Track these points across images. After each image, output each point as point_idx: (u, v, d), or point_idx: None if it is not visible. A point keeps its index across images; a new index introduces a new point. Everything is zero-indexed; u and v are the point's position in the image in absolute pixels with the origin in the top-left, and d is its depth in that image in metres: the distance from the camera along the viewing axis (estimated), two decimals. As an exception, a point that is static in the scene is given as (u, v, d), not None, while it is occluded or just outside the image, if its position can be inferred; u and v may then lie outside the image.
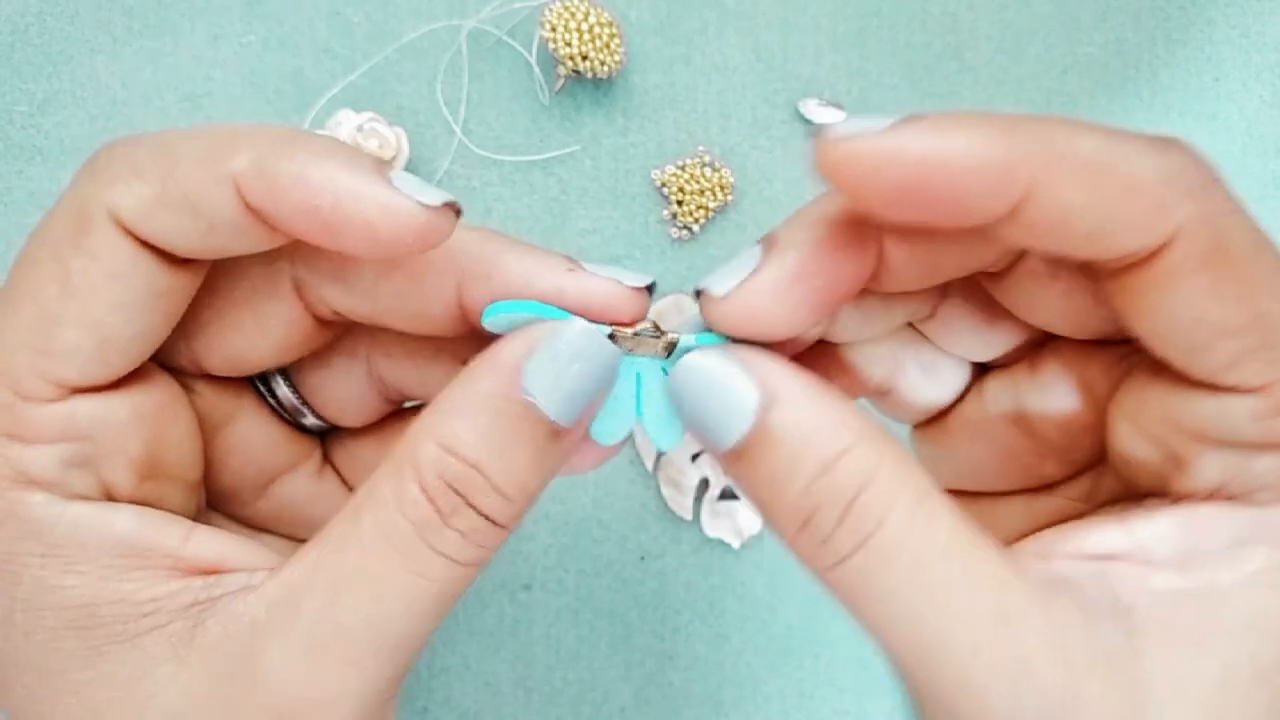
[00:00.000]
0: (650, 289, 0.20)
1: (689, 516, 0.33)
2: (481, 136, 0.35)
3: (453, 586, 0.18)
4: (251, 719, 0.18)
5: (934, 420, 0.23)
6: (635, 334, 0.20)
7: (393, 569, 0.18)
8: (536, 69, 0.35)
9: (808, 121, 0.35)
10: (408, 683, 0.32)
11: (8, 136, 0.34)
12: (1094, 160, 0.16)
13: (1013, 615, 0.17)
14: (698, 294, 0.19)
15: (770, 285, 0.18)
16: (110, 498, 0.19)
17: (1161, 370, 0.18)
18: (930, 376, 0.23)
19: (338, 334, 0.22)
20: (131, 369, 0.19)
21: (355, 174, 0.17)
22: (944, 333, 0.22)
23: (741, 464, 0.18)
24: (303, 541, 0.20)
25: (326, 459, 0.24)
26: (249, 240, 0.18)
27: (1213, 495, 0.18)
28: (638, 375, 0.21)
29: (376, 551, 0.18)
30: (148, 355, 0.19)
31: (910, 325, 0.22)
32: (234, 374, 0.21)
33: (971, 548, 0.17)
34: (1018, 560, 0.18)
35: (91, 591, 0.18)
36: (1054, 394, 0.21)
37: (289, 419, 0.23)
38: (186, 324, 0.20)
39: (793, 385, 0.18)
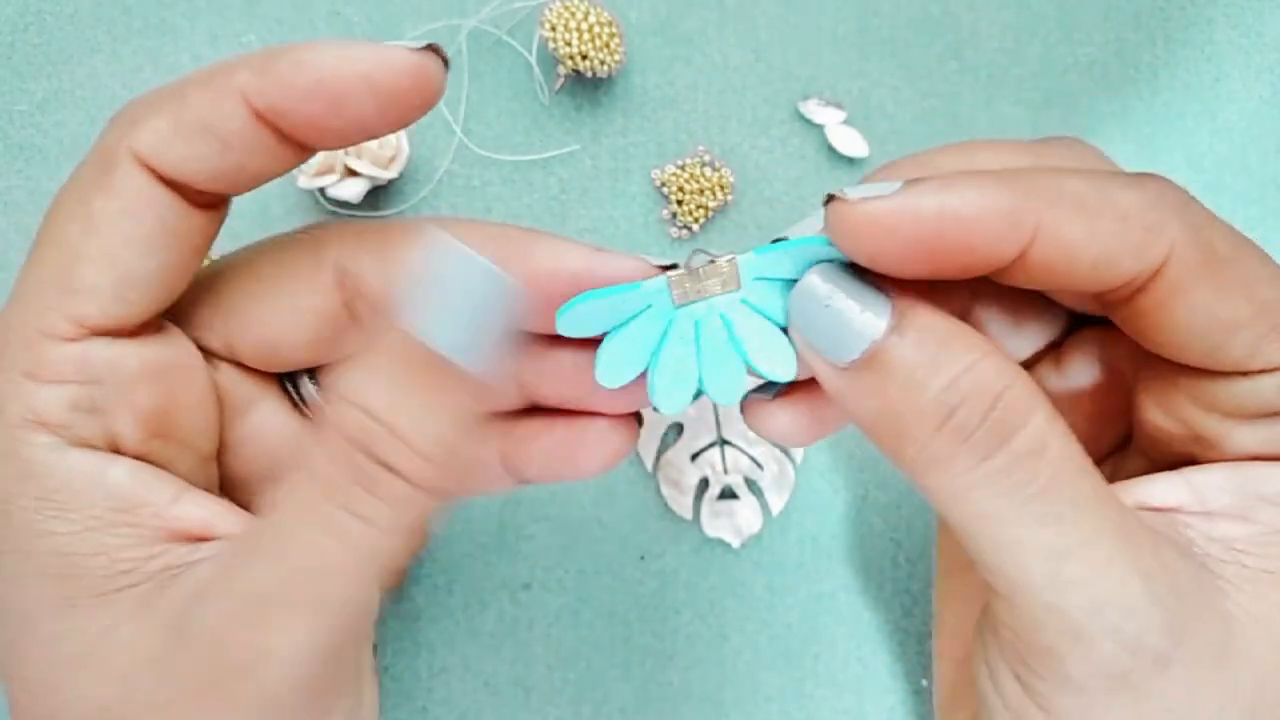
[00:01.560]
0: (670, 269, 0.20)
1: (689, 516, 0.33)
2: (481, 136, 0.35)
3: (378, 548, 0.18)
4: (191, 677, 0.18)
5: None
6: (688, 270, 0.19)
7: (311, 533, 0.18)
8: (536, 69, 0.35)
9: (808, 121, 0.35)
10: (407, 682, 0.32)
11: (7, 136, 0.34)
12: (1087, 199, 0.18)
13: (1137, 539, 0.18)
14: (828, 200, 0.19)
15: (908, 211, 0.18)
16: (115, 448, 0.19)
17: (1180, 365, 0.20)
18: None
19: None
20: (148, 314, 0.19)
21: (344, 45, 0.18)
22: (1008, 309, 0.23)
23: (871, 373, 0.18)
24: None
25: None
26: (262, 156, 0.19)
27: (1255, 459, 0.19)
28: (697, 325, 0.20)
29: (296, 515, 0.18)
30: (165, 301, 0.19)
31: None
32: (264, 366, 0.22)
33: (1095, 472, 0.18)
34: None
35: (76, 542, 0.18)
36: (1079, 381, 0.22)
37: (309, 415, 0.23)
38: (225, 304, 0.21)
39: (920, 301, 0.19)
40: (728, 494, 0.33)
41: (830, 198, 0.18)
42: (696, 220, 0.34)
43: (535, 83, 0.35)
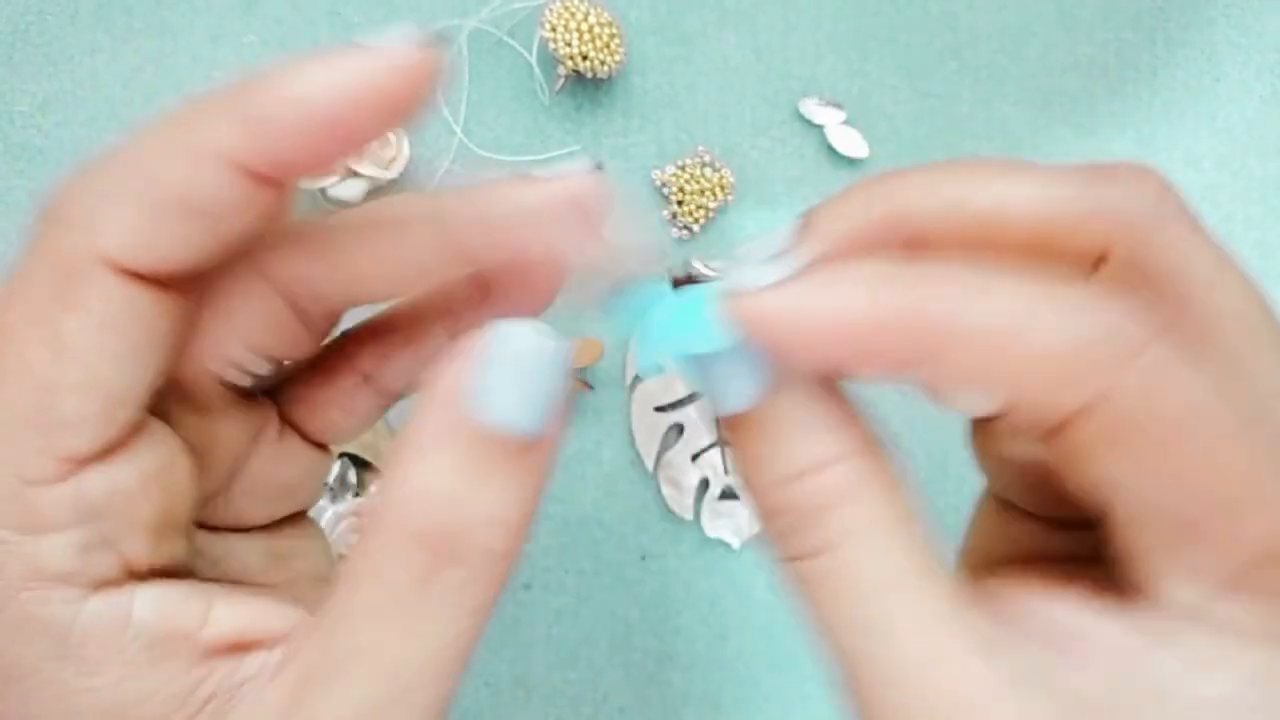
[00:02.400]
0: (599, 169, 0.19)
1: (689, 516, 0.33)
2: (482, 136, 0.35)
3: (467, 637, 0.17)
4: None
5: (975, 423, 0.23)
6: (686, 275, 0.20)
7: (403, 635, 0.16)
8: (537, 69, 0.35)
9: (808, 122, 0.35)
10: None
11: (7, 136, 0.34)
12: (1001, 328, 0.15)
13: (947, 659, 0.16)
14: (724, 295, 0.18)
15: (798, 313, 0.17)
16: (131, 573, 0.17)
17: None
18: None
19: (322, 338, 0.21)
20: (139, 419, 0.17)
21: (330, 63, 0.15)
22: (932, 393, 0.21)
23: (737, 433, 0.18)
24: (282, 521, 0.19)
25: (284, 420, 0.23)
26: (256, 211, 0.16)
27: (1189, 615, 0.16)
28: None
29: (383, 620, 0.16)
30: (153, 398, 0.17)
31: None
32: (209, 382, 0.20)
33: (929, 581, 0.16)
34: (982, 604, 0.17)
35: (117, 693, 0.16)
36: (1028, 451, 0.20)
37: (238, 389, 0.21)
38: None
39: (801, 377, 0.17)
40: (728, 494, 0.33)
41: (725, 292, 0.17)
42: (696, 220, 0.34)
43: (535, 83, 0.35)
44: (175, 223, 0.16)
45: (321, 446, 0.23)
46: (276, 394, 0.23)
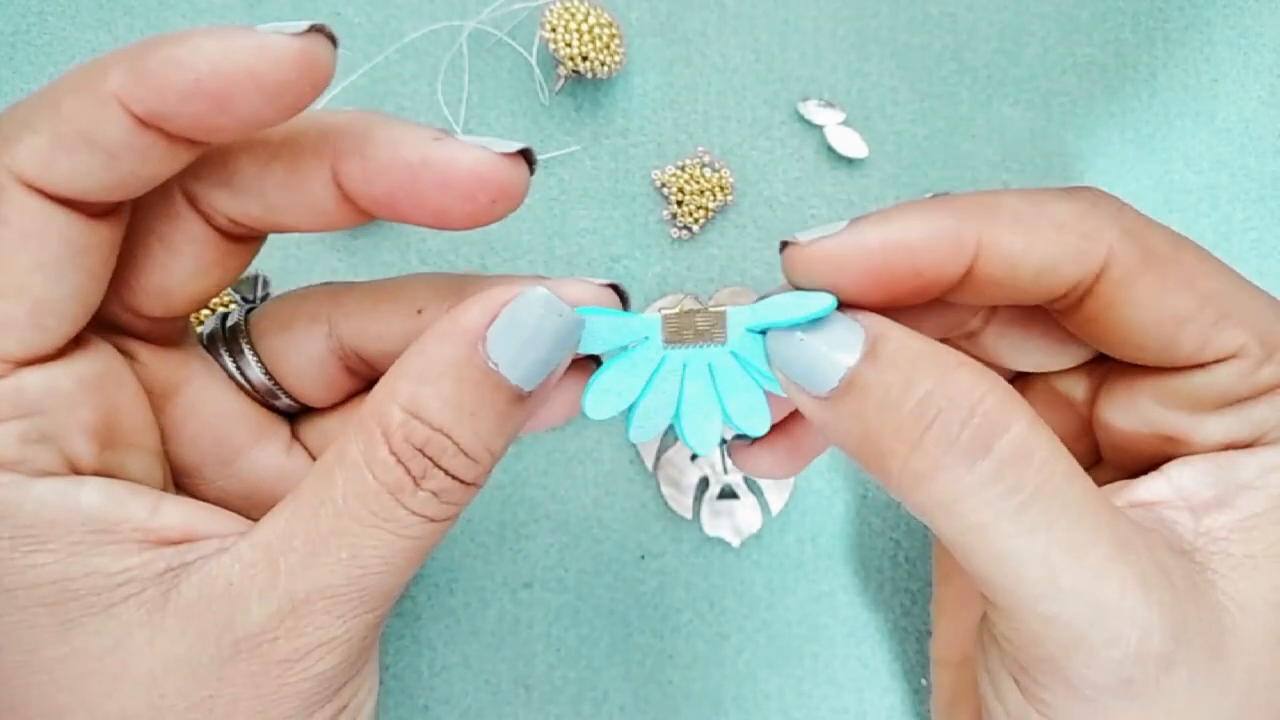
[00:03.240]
0: (525, 154, 0.20)
1: (689, 516, 0.33)
2: (482, 136, 0.35)
3: (428, 540, 0.19)
4: (234, 674, 0.18)
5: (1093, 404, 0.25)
6: (681, 312, 0.20)
7: (369, 529, 0.18)
8: (537, 69, 0.35)
9: (807, 122, 0.35)
10: (408, 681, 0.32)
11: (9, 136, 0.34)
12: (1023, 213, 0.19)
13: (1131, 541, 0.18)
14: (783, 247, 0.20)
15: (853, 244, 0.19)
16: (75, 470, 0.19)
17: (1140, 367, 0.21)
18: None
19: (252, 250, 0.22)
20: (70, 335, 0.19)
21: (220, 35, 0.17)
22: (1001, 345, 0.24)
23: (849, 399, 0.19)
24: None
25: (296, 438, 0.24)
26: (151, 161, 0.18)
27: (1226, 448, 0.20)
28: (684, 370, 0.21)
29: (352, 512, 0.18)
30: (84, 319, 0.19)
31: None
32: (170, 313, 0.21)
33: (1082, 472, 0.18)
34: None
35: (63, 568, 0.18)
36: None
37: (261, 399, 0.23)
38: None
39: (892, 324, 0.19)
40: (728, 493, 0.33)
41: (784, 244, 0.20)
42: (696, 221, 0.34)
43: (536, 83, 0.35)
44: (77, 153, 0.17)
45: None
46: (297, 420, 0.25)
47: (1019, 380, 0.24)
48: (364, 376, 0.24)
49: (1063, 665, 0.18)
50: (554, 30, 0.33)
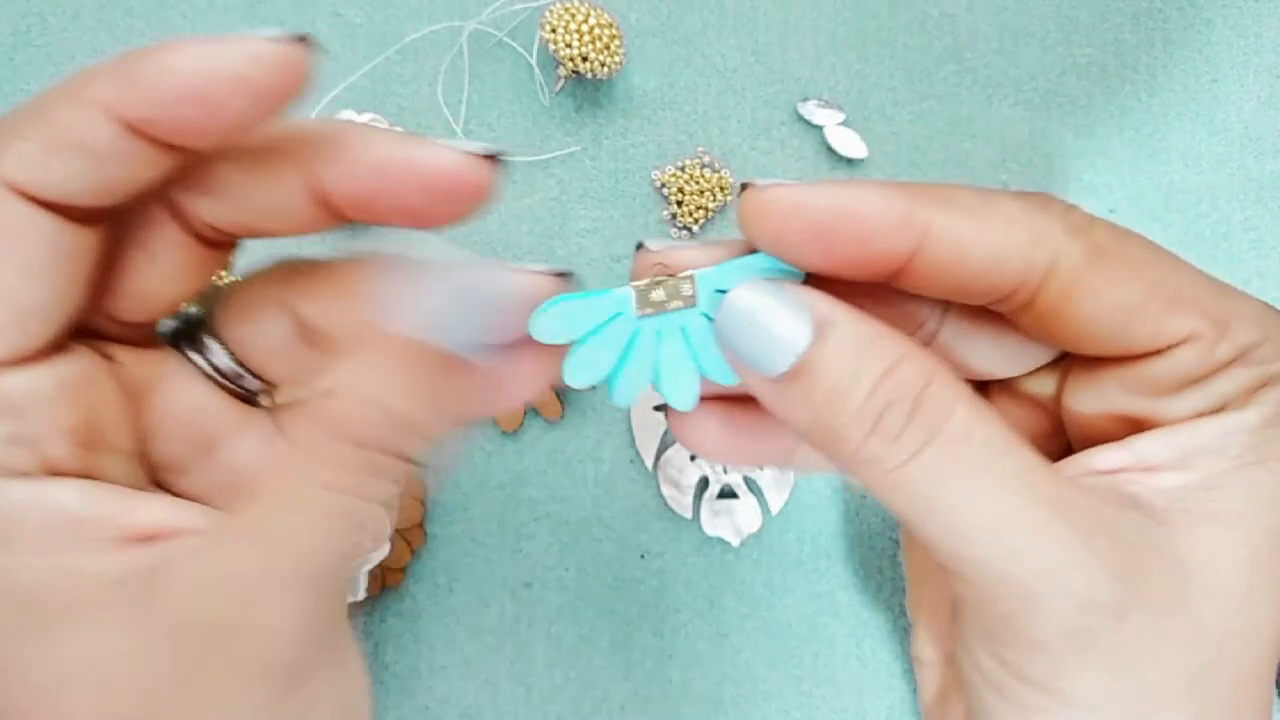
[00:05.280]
0: (494, 158, 0.20)
1: (689, 515, 0.33)
2: (482, 137, 0.35)
3: (379, 514, 0.19)
4: (180, 666, 0.18)
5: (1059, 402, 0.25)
6: (652, 282, 0.21)
7: (324, 517, 0.19)
8: (537, 70, 0.35)
9: (807, 123, 0.35)
10: (408, 680, 0.32)
11: (10, 137, 0.34)
12: (976, 205, 0.20)
13: (1070, 501, 0.19)
14: (743, 188, 0.20)
15: (806, 198, 0.20)
16: (53, 472, 0.19)
17: (1099, 359, 0.21)
18: None
19: (228, 255, 0.22)
20: (52, 338, 0.19)
21: (206, 44, 0.18)
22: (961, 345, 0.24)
23: (799, 384, 0.19)
24: None
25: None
26: (141, 165, 0.18)
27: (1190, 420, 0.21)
28: (658, 334, 0.21)
29: (308, 502, 0.19)
30: (67, 323, 0.19)
31: None
32: (147, 317, 0.21)
33: (1021, 445, 0.19)
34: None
35: (37, 570, 0.18)
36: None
37: (233, 387, 0.23)
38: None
39: (841, 309, 0.20)
40: (727, 493, 0.33)
41: (744, 185, 0.20)
42: (696, 221, 0.34)
43: (536, 84, 0.35)
44: (66, 159, 0.18)
45: None
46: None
47: (986, 385, 0.24)
48: (334, 353, 0.24)
49: (1022, 621, 0.19)
50: (554, 31, 0.33)
